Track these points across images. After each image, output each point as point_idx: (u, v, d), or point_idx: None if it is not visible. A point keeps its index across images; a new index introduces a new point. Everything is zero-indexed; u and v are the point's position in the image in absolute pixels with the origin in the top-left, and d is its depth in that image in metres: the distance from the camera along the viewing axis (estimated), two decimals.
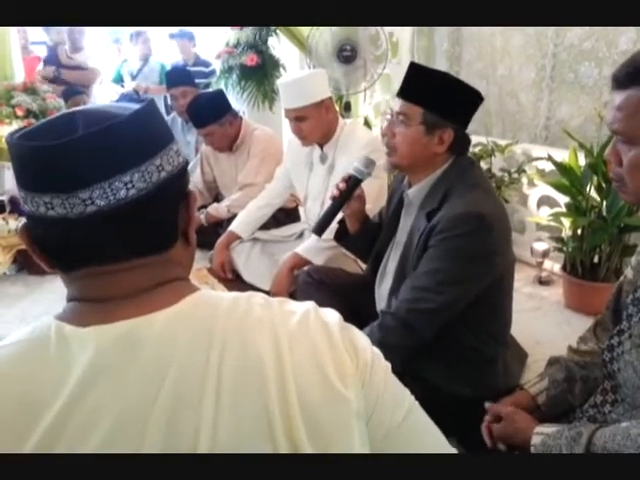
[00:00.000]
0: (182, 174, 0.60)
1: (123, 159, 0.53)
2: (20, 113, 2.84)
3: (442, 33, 3.10)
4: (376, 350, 0.62)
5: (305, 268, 1.94)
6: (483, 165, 2.43)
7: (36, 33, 4.69)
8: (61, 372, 0.51)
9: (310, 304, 0.61)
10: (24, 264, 2.45)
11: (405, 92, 1.33)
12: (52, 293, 2.25)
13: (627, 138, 0.84)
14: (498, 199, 1.38)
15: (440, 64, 3.16)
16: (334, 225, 1.60)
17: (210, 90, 3.31)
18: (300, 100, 1.99)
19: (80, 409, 0.49)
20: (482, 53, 2.93)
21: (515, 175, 2.39)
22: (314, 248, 1.98)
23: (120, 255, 0.55)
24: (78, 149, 0.52)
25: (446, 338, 1.32)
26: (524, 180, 2.43)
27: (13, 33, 3.23)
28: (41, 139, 0.53)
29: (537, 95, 2.59)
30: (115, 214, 0.53)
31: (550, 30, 2.49)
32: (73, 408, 0.49)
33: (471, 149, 2.53)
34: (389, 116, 1.37)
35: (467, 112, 1.33)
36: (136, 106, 0.56)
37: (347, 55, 3.04)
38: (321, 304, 0.64)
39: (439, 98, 1.29)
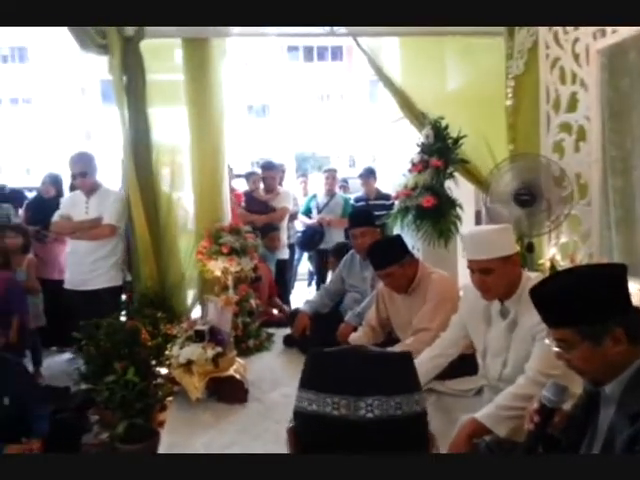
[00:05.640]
0: (427, 419, 0.72)
1: (398, 384, 0.69)
2: (225, 251, 3.29)
3: None
4: None
5: (486, 438, 1.80)
6: None
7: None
8: None
9: None
10: (214, 391, 2.68)
11: (547, 322, 1.29)
12: (236, 425, 2.40)
13: None
14: None
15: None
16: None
17: (388, 236, 3.48)
18: (488, 252, 1.97)
19: None
20: None
21: None
22: (496, 416, 1.83)
23: None
24: (374, 365, 0.69)
25: None
26: None
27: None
28: (345, 351, 0.73)
29: None
30: (383, 427, 0.65)
31: None
32: None
33: None
34: (555, 345, 1.32)
35: (619, 296, 1.21)
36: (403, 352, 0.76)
37: (525, 199, 3.00)
38: None
39: (580, 309, 1.20)
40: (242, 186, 5.17)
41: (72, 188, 4.15)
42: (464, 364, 2.48)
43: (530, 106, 3.47)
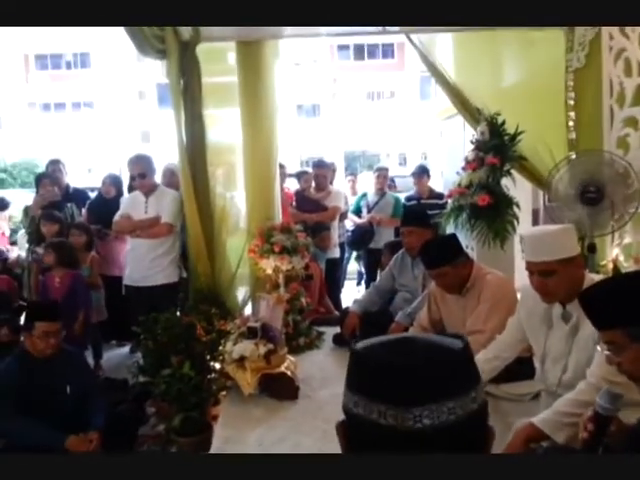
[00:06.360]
0: (487, 409, 0.66)
1: (451, 387, 0.62)
2: (276, 249, 3.33)
3: None
4: None
5: (543, 444, 1.74)
6: None
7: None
8: None
9: None
10: (266, 387, 2.72)
11: (596, 324, 1.26)
12: (287, 421, 2.44)
13: None
14: None
15: None
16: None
17: (443, 235, 3.42)
18: (550, 254, 1.90)
19: None
20: None
21: None
22: (555, 422, 1.76)
23: None
24: (423, 372, 0.62)
25: None
26: None
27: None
28: (390, 355, 0.64)
29: None
30: (435, 435, 0.60)
31: None
32: None
33: None
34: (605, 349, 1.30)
35: None
36: (460, 343, 0.66)
37: (592, 197, 2.86)
38: None
39: (628, 310, 1.17)
40: (293, 186, 5.22)
41: (130, 189, 4.31)
42: (521, 367, 2.41)
43: (592, 100, 3.33)
